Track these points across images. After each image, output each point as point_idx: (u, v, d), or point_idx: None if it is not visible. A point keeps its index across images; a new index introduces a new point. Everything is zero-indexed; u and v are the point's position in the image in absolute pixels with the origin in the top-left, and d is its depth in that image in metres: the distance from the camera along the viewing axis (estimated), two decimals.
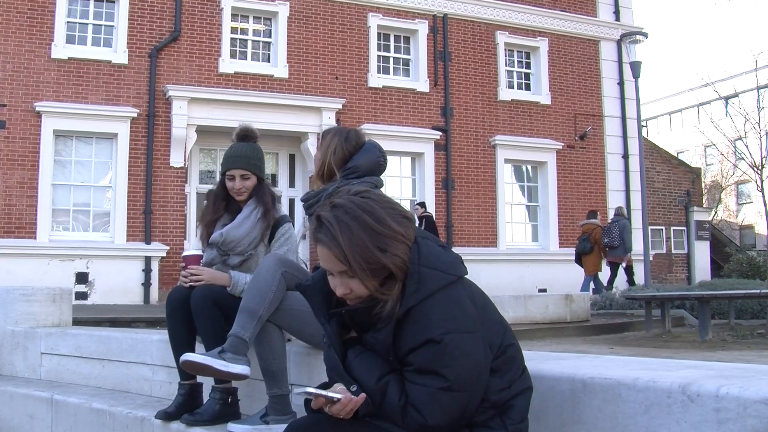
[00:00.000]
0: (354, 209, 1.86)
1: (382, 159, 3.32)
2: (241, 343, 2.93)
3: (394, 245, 1.84)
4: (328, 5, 15.64)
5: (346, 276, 1.87)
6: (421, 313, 1.82)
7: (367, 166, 3.22)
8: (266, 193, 3.50)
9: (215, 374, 2.94)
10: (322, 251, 1.88)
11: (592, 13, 18.32)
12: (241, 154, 3.47)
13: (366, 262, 1.82)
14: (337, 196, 1.93)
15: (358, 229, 1.83)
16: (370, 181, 3.17)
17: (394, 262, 1.84)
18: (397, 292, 1.85)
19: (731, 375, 1.89)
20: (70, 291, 5.61)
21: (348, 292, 1.89)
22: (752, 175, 25.42)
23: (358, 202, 1.88)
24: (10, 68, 13.12)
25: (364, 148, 3.28)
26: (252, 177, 3.48)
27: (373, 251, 1.82)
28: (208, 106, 14.12)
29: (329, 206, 1.89)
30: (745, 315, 10.88)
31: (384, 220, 1.85)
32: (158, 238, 13.78)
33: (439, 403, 1.80)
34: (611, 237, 14.31)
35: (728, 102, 27.58)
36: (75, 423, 4.04)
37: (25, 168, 13.06)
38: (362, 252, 1.82)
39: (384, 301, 1.86)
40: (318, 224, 1.89)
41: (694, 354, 6.57)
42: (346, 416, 1.85)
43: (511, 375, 1.94)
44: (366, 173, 3.21)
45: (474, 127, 16.63)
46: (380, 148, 3.36)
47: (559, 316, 10.15)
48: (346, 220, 1.84)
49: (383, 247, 1.83)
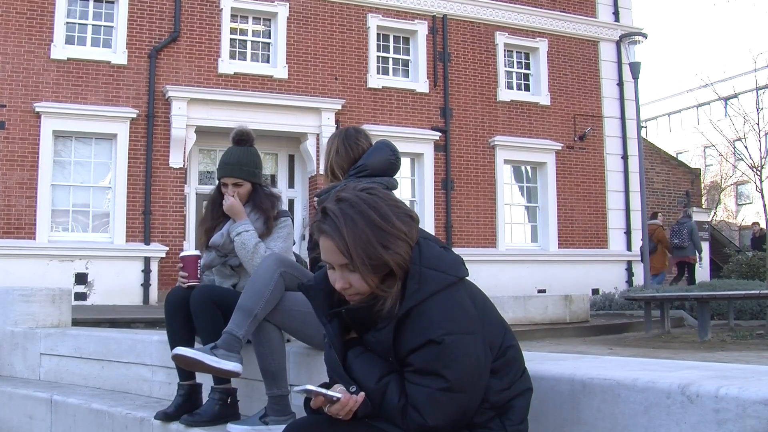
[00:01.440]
0: (359, 204, 1.86)
1: (393, 158, 3.27)
2: (235, 341, 2.92)
3: (397, 243, 1.85)
4: (328, 6, 15.64)
5: (347, 270, 1.87)
6: (422, 314, 1.82)
7: (376, 165, 3.17)
8: (263, 200, 3.48)
9: (206, 370, 2.93)
10: (325, 242, 1.88)
11: (591, 13, 18.33)
12: (233, 162, 3.45)
13: (368, 257, 1.82)
14: (344, 190, 1.93)
15: (362, 223, 1.84)
16: (381, 182, 3.09)
17: (395, 260, 1.84)
18: (396, 290, 1.85)
19: (730, 375, 1.89)
20: (69, 291, 5.62)
21: (347, 286, 1.89)
22: (751, 175, 25.39)
23: (364, 197, 1.89)
24: (10, 69, 13.12)
25: (375, 147, 3.25)
26: (245, 184, 3.46)
27: (376, 247, 1.82)
28: (207, 106, 14.11)
29: (335, 199, 1.90)
30: (745, 316, 10.89)
31: (389, 218, 1.86)
32: (157, 238, 13.78)
33: (439, 403, 1.80)
34: (681, 238, 14.84)
35: (727, 103, 27.55)
36: (74, 423, 4.04)
37: (25, 168, 13.06)
38: (365, 246, 1.82)
39: (383, 299, 1.86)
40: (323, 216, 1.89)
41: (693, 354, 6.57)
42: (345, 417, 1.85)
43: (512, 376, 1.94)
44: (376, 172, 3.16)
45: (473, 127, 16.63)
46: (392, 147, 3.30)
47: (559, 316, 10.16)
48: (351, 214, 1.85)
49: (386, 244, 1.83)
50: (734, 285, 11.82)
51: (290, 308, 3.00)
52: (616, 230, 17.85)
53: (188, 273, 3.34)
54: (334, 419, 1.86)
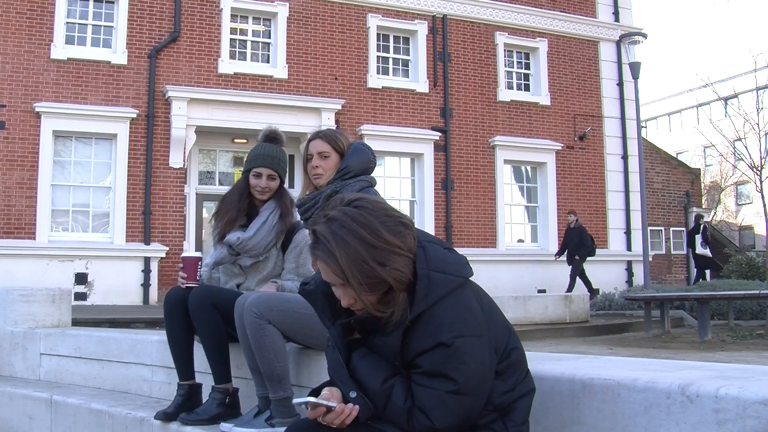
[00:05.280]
0: (349, 223, 1.82)
1: (373, 158, 3.33)
2: (282, 402, 2.95)
3: (393, 258, 1.82)
4: (328, 6, 15.64)
5: (348, 287, 1.85)
6: (432, 317, 1.82)
7: (359, 166, 3.22)
8: (286, 197, 3.50)
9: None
10: (321, 266, 1.86)
11: (591, 13, 18.32)
12: (271, 154, 3.48)
13: (364, 276, 1.79)
14: (330, 207, 1.89)
15: (354, 243, 1.80)
16: (365, 179, 3.19)
17: (393, 275, 1.81)
18: (401, 301, 1.84)
19: (730, 376, 1.89)
20: (69, 292, 5.61)
21: (353, 302, 1.87)
22: (751, 175, 25.42)
23: (352, 214, 1.84)
24: (10, 69, 13.12)
25: (355, 149, 3.27)
26: (278, 178, 3.49)
27: (372, 265, 1.79)
28: (207, 106, 14.11)
29: (324, 219, 1.86)
30: (745, 316, 10.89)
31: (380, 234, 1.81)
32: (157, 238, 13.78)
33: (447, 406, 1.80)
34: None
35: (727, 103, 27.57)
36: (74, 423, 4.04)
37: (25, 168, 13.06)
38: (360, 266, 1.79)
39: (390, 312, 1.85)
40: (314, 240, 1.86)
41: (693, 355, 6.58)
42: (339, 426, 1.84)
43: (515, 378, 1.95)
44: (358, 173, 3.22)
45: (473, 127, 16.63)
46: (370, 148, 3.35)
47: (559, 316, 10.17)
48: (342, 234, 1.81)
49: (381, 260, 1.80)
50: (734, 285, 11.83)
51: (291, 310, 3.00)
52: (616, 230, 17.85)
53: (188, 274, 3.33)
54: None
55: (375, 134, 15.33)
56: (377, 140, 15.00)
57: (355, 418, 1.86)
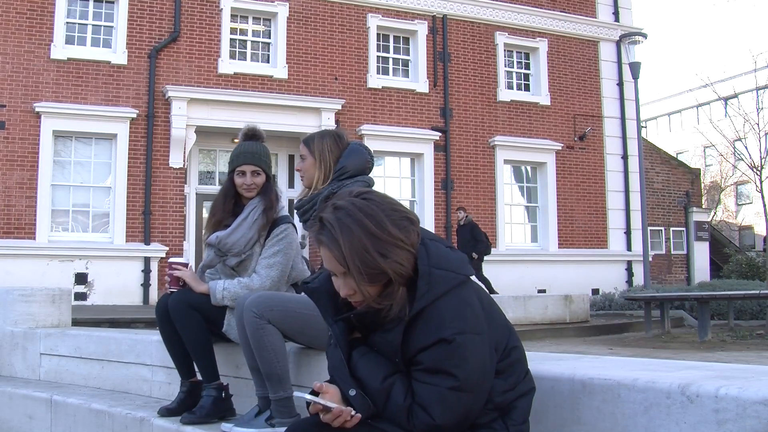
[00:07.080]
0: (356, 212, 1.85)
1: (370, 158, 3.32)
2: (283, 402, 2.96)
3: (395, 251, 1.83)
4: (328, 6, 15.64)
5: (349, 277, 1.86)
6: (434, 313, 1.82)
7: (356, 166, 3.21)
8: (271, 192, 3.51)
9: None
10: (324, 252, 1.87)
11: (591, 13, 18.33)
12: (251, 151, 3.49)
13: (365, 266, 1.81)
14: (339, 197, 1.92)
15: (359, 232, 1.82)
16: (362, 181, 3.17)
17: (394, 268, 1.83)
18: (400, 295, 1.85)
19: (730, 376, 1.89)
20: (69, 292, 5.61)
21: (352, 292, 1.88)
22: (751, 175, 25.43)
23: (359, 204, 1.87)
24: (10, 69, 13.12)
25: (352, 149, 3.26)
26: (262, 174, 3.50)
27: (374, 255, 1.81)
28: (207, 106, 14.11)
29: (331, 208, 1.88)
30: (745, 316, 10.90)
31: (384, 226, 1.84)
32: (157, 238, 13.78)
33: (448, 402, 1.80)
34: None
35: (727, 103, 27.58)
36: (74, 423, 4.04)
37: (25, 168, 13.06)
38: (362, 256, 1.81)
39: (389, 306, 1.86)
40: (320, 226, 1.88)
41: (693, 355, 6.58)
42: (337, 425, 1.84)
43: (515, 377, 1.95)
44: (355, 174, 3.21)
45: (473, 127, 16.63)
46: (367, 148, 3.34)
47: (559, 316, 10.18)
48: (348, 223, 1.83)
49: (383, 252, 1.82)
50: (734, 285, 11.85)
51: (291, 310, 3.00)
52: (616, 230, 17.85)
53: (170, 279, 3.42)
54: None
55: (375, 134, 15.33)
56: (377, 140, 15.01)
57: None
